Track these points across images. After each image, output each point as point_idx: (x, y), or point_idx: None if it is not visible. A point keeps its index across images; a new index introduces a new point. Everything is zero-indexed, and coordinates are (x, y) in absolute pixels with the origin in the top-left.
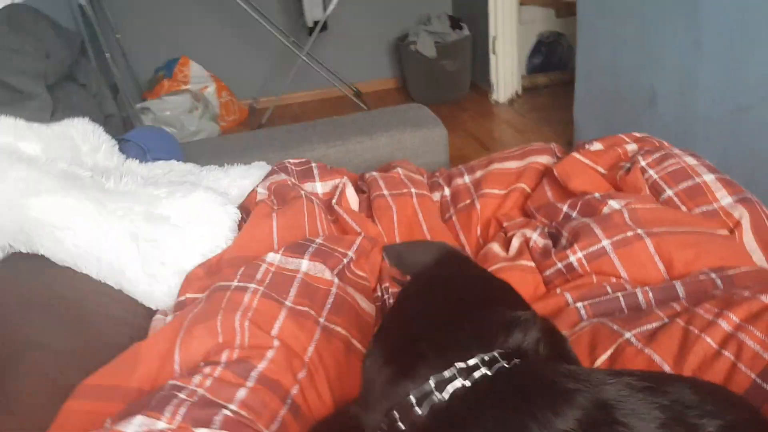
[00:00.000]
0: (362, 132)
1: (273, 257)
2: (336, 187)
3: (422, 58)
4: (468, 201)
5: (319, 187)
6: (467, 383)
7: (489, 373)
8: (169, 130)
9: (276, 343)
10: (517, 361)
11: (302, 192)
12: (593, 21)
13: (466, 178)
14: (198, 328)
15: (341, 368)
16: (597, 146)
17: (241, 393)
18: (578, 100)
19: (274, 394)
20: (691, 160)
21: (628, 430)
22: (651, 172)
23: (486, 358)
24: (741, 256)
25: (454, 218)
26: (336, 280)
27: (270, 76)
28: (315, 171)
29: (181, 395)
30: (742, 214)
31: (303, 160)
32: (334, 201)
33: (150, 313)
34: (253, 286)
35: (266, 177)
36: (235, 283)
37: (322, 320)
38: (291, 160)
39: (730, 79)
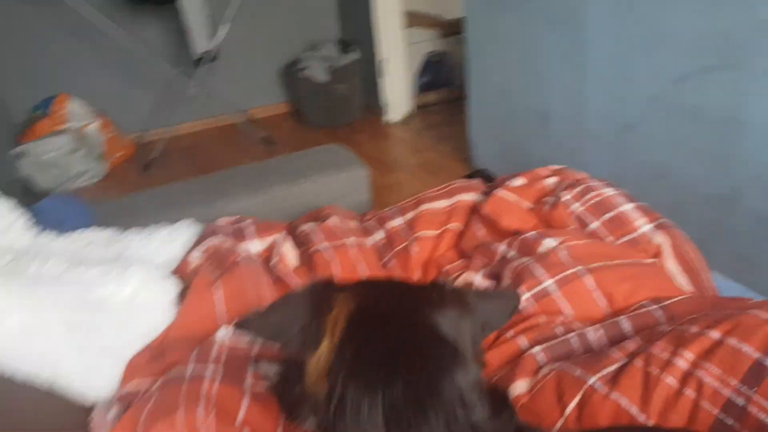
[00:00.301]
0: (286, 179)
1: (223, 334)
2: (273, 244)
3: (314, 83)
4: (404, 244)
5: (257, 245)
6: None
7: None
8: (53, 172)
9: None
10: None
11: (241, 255)
12: (482, 46)
13: (399, 220)
14: (158, 425)
15: None
16: (520, 181)
17: None
18: (472, 121)
19: None
20: (609, 191)
21: None
22: (575, 205)
23: None
24: (671, 284)
25: (392, 262)
26: None
27: (158, 108)
28: (250, 229)
29: None
30: (662, 240)
31: (236, 217)
32: (272, 262)
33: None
34: (209, 372)
35: (200, 240)
36: (190, 371)
37: None
38: (223, 219)
39: (615, 100)
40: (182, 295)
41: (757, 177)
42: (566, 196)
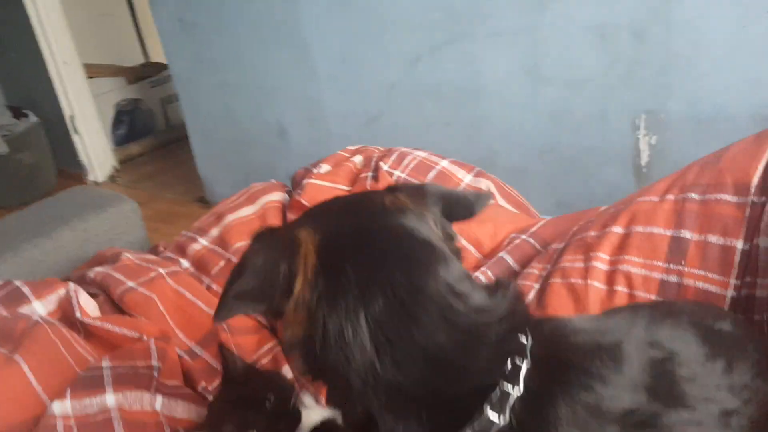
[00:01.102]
0: (37, 233)
1: (61, 408)
2: (63, 299)
3: None
4: (222, 263)
5: (41, 307)
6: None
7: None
8: None
9: None
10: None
11: (35, 318)
12: (190, 77)
13: (203, 241)
14: None
15: None
16: (326, 167)
17: None
18: (198, 156)
19: None
20: (422, 153)
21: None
22: (397, 172)
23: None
24: (520, 216)
25: (214, 287)
26: (160, 408)
27: None
28: (25, 290)
29: None
30: (487, 184)
31: (1, 282)
32: (78, 315)
33: None
34: None
35: None
36: None
37: None
38: None
39: (354, 96)
40: None
41: (504, 135)
42: (385, 166)
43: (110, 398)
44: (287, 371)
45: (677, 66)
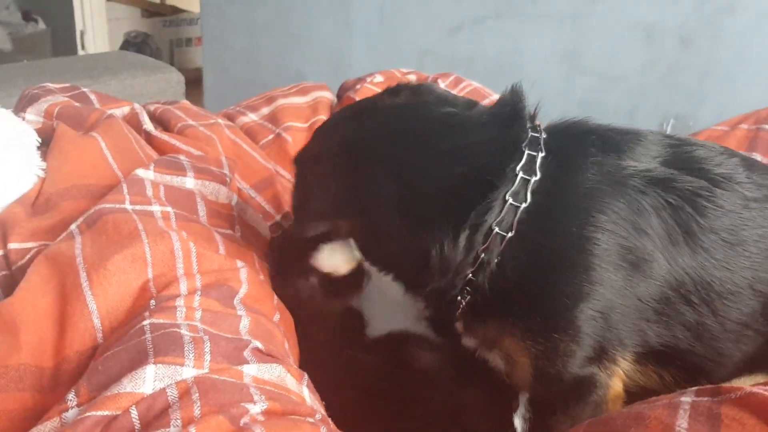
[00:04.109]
0: (86, 74)
1: (145, 173)
2: (128, 114)
3: None
4: (271, 136)
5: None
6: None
7: None
8: None
9: (239, 263)
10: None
11: (106, 113)
12: (221, 7)
13: (252, 116)
14: (114, 261)
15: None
16: (379, 78)
17: (245, 323)
18: (208, 93)
19: (268, 320)
20: (477, 84)
21: (700, 147)
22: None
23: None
24: None
25: (266, 152)
26: (234, 202)
27: None
28: (92, 97)
29: (184, 332)
30: None
31: (66, 85)
32: (146, 126)
33: None
34: (157, 207)
35: (26, 102)
36: (130, 206)
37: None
38: (50, 84)
39: (384, 56)
40: None
41: None
42: (442, 84)
43: (190, 181)
44: None
45: (716, 75)
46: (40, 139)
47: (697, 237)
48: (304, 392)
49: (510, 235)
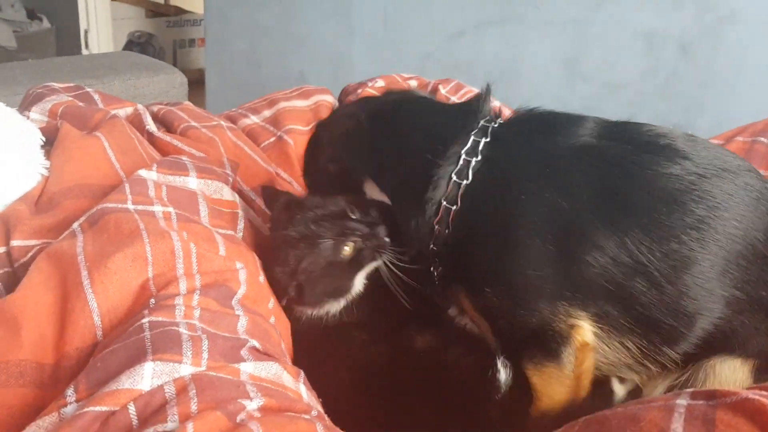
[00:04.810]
0: (90, 74)
1: (148, 174)
2: (131, 114)
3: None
4: (272, 138)
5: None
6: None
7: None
8: None
9: (239, 264)
10: None
11: (110, 113)
12: (224, 9)
13: (254, 118)
14: (115, 259)
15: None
16: (380, 83)
17: (242, 323)
18: (211, 94)
19: (265, 320)
20: (477, 89)
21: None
22: (453, 99)
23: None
24: None
25: (266, 154)
26: (239, 200)
27: None
28: (95, 97)
29: (182, 330)
30: None
31: (71, 84)
32: (148, 127)
33: None
34: (159, 207)
35: (31, 101)
36: (132, 206)
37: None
38: (54, 84)
39: (385, 60)
40: None
41: None
42: (443, 90)
43: (193, 181)
44: None
45: (715, 85)
46: (44, 138)
47: (630, 198)
48: (301, 389)
49: (455, 208)
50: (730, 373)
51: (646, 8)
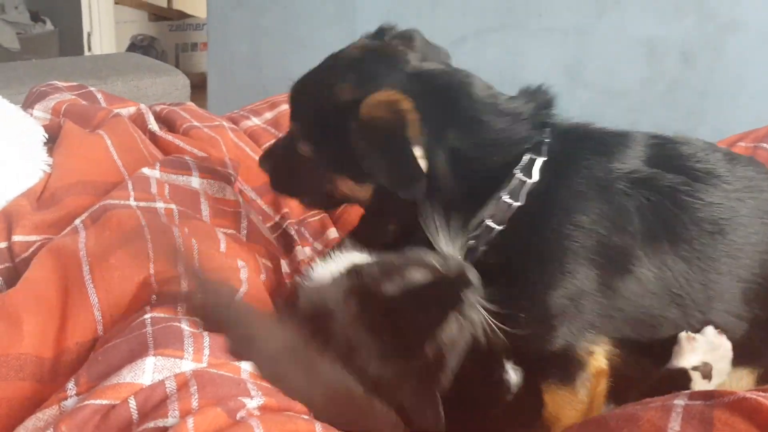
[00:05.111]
0: (93, 75)
1: (151, 172)
2: (134, 114)
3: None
4: (273, 140)
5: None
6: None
7: None
8: None
9: (240, 263)
10: None
11: (113, 112)
12: (227, 13)
13: (256, 120)
14: (117, 255)
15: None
16: None
17: None
18: (212, 97)
19: None
20: None
21: (684, 144)
22: None
23: None
24: None
25: None
26: (241, 200)
27: None
28: (98, 96)
29: (184, 327)
30: None
31: (74, 83)
32: (151, 126)
33: None
34: (161, 204)
35: (34, 98)
36: (134, 202)
37: None
38: (58, 83)
39: None
40: None
41: None
42: None
43: (195, 180)
44: (332, 233)
45: (716, 94)
46: (46, 135)
47: (677, 230)
48: None
49: (500, 228)
50: (735, 383)
51: (647, 16)
